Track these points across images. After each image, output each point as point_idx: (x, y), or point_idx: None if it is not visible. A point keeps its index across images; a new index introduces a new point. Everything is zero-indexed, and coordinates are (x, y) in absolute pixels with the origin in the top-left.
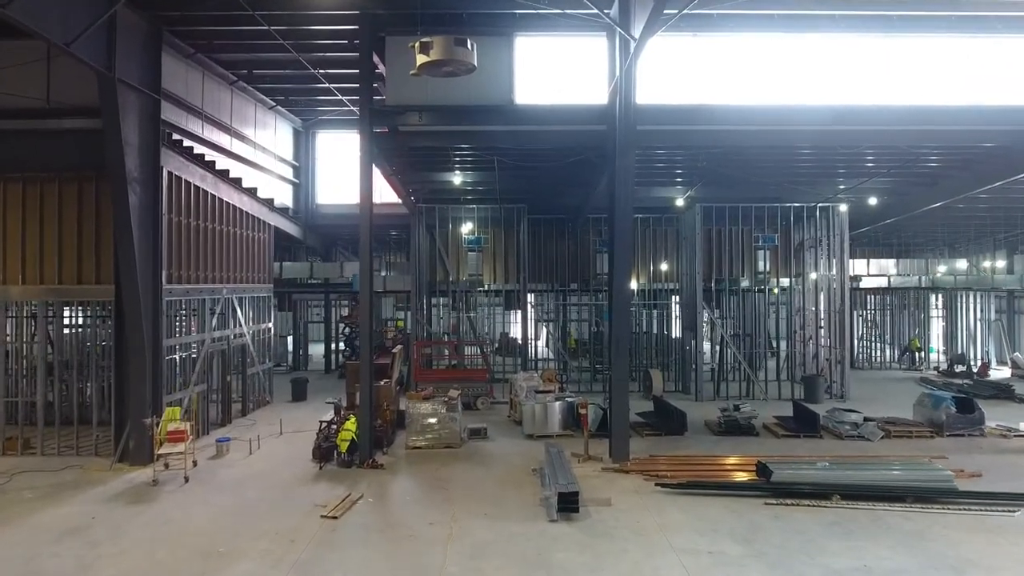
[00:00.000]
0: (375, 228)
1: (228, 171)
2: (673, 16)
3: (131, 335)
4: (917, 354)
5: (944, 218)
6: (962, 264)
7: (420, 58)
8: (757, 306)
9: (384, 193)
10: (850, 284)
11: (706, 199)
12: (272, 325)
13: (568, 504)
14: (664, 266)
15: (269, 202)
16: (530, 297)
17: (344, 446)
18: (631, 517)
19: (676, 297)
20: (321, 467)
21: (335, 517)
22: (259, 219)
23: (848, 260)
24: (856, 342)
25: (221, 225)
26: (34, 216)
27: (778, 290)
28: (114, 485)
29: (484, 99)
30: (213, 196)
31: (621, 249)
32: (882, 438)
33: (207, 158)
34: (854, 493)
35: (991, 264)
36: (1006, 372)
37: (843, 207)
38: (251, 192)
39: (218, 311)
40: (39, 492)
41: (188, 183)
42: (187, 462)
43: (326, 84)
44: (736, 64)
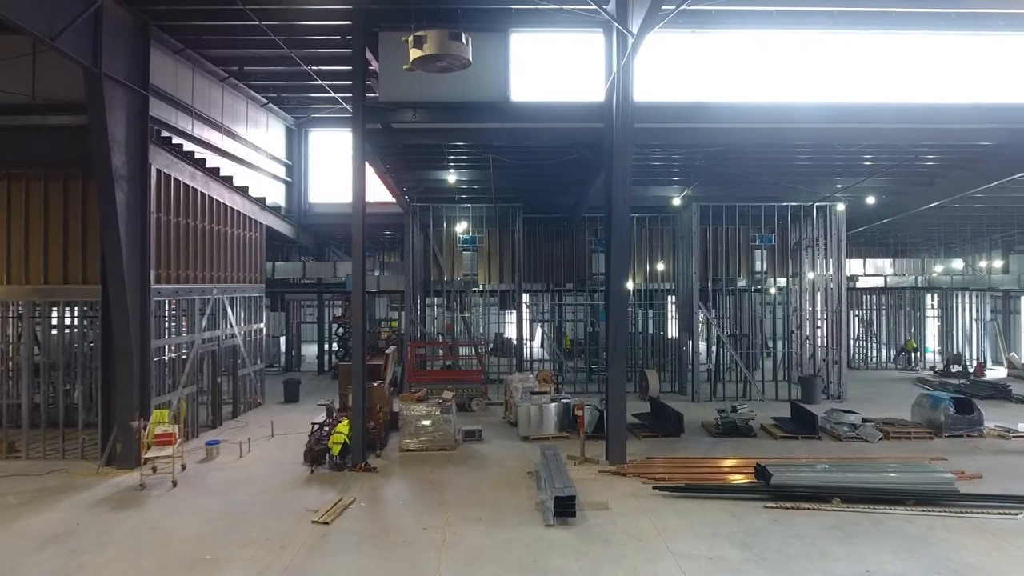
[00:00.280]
0: (369, 227)
1: (219, 169)
2: (671, 11)
3: (118, 336)
4: (913, 354)
5: (941, 217)
6: (958, 264)
7: (414, 52)
8: (754, 306)
9: (378, 192)
10: (847, 284)
11: (703, 198)
12: (264, 325)
13: (564, 508)
14: (660, 266)
15: (261, 201)
16: (525, 297)
17: (336, 449)
18: (629, 521)
19: (672, 297)
20: (313, 470)
21: (326, 522)
22: (251, 218)
23: (845, 260)
24: (852, 342)
25: (211, 224)
26: (19, 214)
27: (775, 290)
28: (100, 490)
29: (479, 96)
30: (203, 194)
31: (618, 249)
32: (881, 439)
33: (197, 156)
34: (854, 496)
35: (987, 264)
36: (1002, 372)
37: (840, 206)
38: (242, 190)
39: (208, 311)
40: (23, 497)
41: (177, 181)
42: (175, 466)
43: (319, 81)
44: (734, 61)
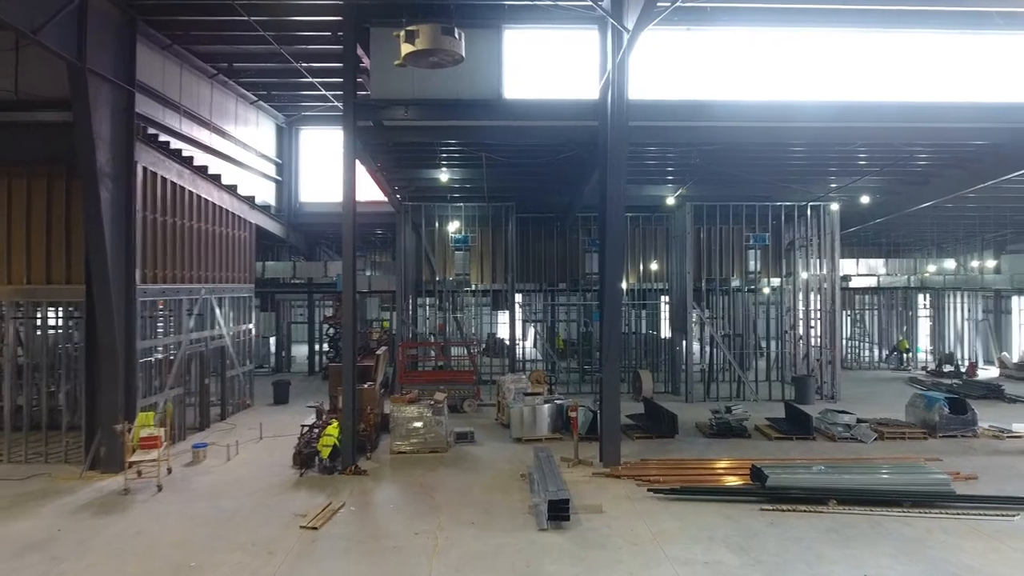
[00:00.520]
0: (360, 227)
1: (207, 167)
2: (667, 8)
3: (102, 337)
4: (905, 354)
5: (933, 217)
6: (950, 264)
7: (405, 47)
8: (747, 306)
9: (369, 191)
10: (840, 284)
11: (697, 198)
12: (253, 326)
13: (558, 512)
14: (654, 265)
15: (250, 199)
16: (518, 297)
17: (326, 452)
18: (624, 525)
19: (666, 297)
20: (302, 474)
21: (315, 527)
22: (240, 217)
23: (839, 259)
24: (844, 342)
25: (199, 223)
26: (1, 213)
27: (768, 290)
28: (83, 494)
29: (472, 93)
30: (191, 193)
31: (612, 248)
32: (875, 440)
33: (185, 153)
34: (851, 498)
35: (979, 264)
36: (994, 372)
37: (834, 206)
38: (231, 189)
39: (196, 311)
40: (2, 503)
41: (164, 179)
42: (161, 469)
43: (309, 78)
44: (730, 59)
